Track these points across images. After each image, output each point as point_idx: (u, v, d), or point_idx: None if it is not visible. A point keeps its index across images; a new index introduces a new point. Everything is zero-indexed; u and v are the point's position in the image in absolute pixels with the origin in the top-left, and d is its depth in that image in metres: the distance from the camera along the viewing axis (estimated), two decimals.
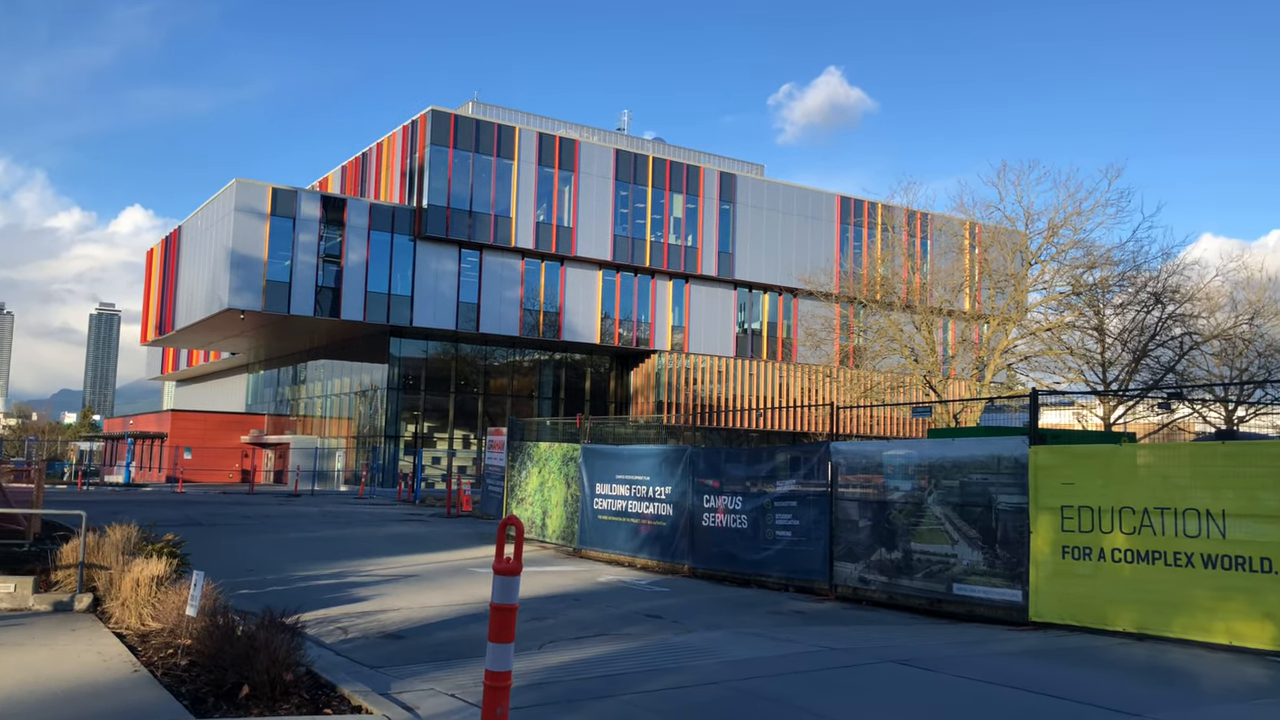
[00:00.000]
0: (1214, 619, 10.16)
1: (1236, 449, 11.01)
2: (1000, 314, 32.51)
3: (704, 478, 16.52)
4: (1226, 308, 33.01)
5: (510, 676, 5.85)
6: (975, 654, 9.95)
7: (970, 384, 34.25)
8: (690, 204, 49.98)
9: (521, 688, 7.42)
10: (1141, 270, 30.47)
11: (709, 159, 58.58)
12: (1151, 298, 29.82)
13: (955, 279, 36.94)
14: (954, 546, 12.52)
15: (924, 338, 33.82)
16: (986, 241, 33.98)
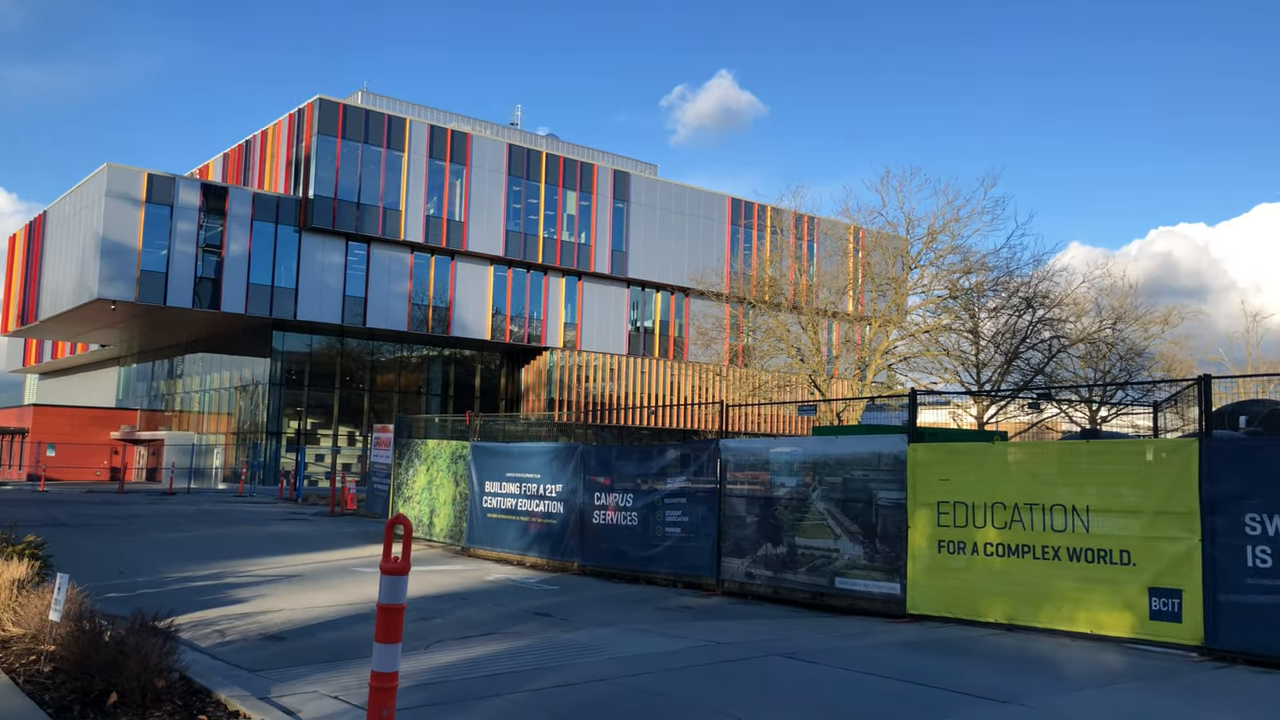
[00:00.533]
0: (1078, 609, 10.70)
1: (1099, 448, 11.64)
2: (882, 316, 33.52)
3: (595, 475, 16.55)
4: (1092, 313, 34.78)
5: (397, 677, 5.77)
6: (857, 646, 10.26)
7: (853, 383, 35.20)
8: (584, 201, 49.98)
9: (408, 688, 7.32)
10: (1014, 276, 31.86)
11: (603, 157, 58.70)
12: (1023, 302, 31.19)
13: (840, 281, 37.92)
14: (837, 541, 12.86)
15: (810, 338, 34.61)
16: (870, 246, 35.00)
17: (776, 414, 51.05)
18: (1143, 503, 10.42)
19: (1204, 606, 9.78)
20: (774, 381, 36.09)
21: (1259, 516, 9.57)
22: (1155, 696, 8.21)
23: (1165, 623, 10.04)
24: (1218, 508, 9.84)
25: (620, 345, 52.27)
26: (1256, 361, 42.44)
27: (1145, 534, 10.32)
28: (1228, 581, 9.68)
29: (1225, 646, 9.62)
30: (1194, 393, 11.19)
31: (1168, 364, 36.97)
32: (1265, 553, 9.49)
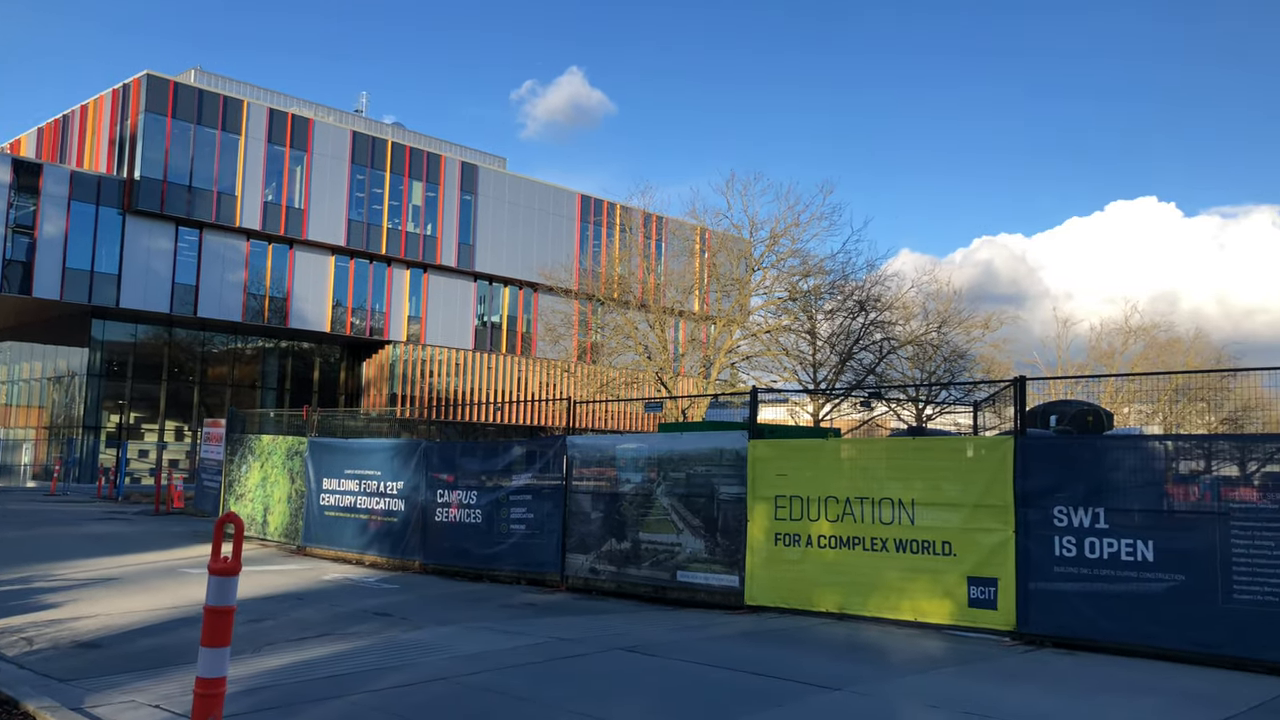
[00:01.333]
0: (903, 598, 11.26)
1: (924, 444, 12.30)
2: (726, 316, 34.33)
3: (438, 472, 16.29)
4: (919, 316, 36.58)
5: (224, 683, 5.54)
6: (696, 638, 10.48)
7: (698, 381, 35.90)
8: (430, 192, 49.04)
9: (237, 693, 7.03)
10: (849, 280, 33.23)
11: (451, 148, 57.77)
12: (857, 305, 32.57)
13: (687, 281, 38.59)
14: (679, 536, 13.10)
15: (657, 336, 35.10)
16: (715, 247, 35.78)
17: (624, 411, 51.52)
18: (963, 496, 11.05)
19: (1017, 594, 10.46)
20: (622, 378, 36.43)
21: (1066, 509, 10.30)
22: (972, 680, 8.72)
23: (982, 610, 10.69)
24: (1030, 501, 10.54)
25: (466, 340, 51.60)
26: (1066, 364, 45.67)
27: (965, 526, 10.95)
28: (1038, 570, 10.38)
29: (1035, 631, 10.32)
30: (1010, 393, 11.93)
31: (988, 366, 39.29)
32: (1071, 543, 10.23)
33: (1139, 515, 9.98)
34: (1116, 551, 9.96)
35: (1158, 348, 47.41)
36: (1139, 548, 9.85)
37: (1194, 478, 10.14)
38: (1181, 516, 9.83)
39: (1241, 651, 9.12)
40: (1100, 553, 10.05)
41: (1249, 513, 9.39)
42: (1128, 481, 10.20)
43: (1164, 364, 44.70)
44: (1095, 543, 10.09)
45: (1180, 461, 10.48)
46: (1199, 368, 42.25)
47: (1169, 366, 43.27)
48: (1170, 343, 48.54)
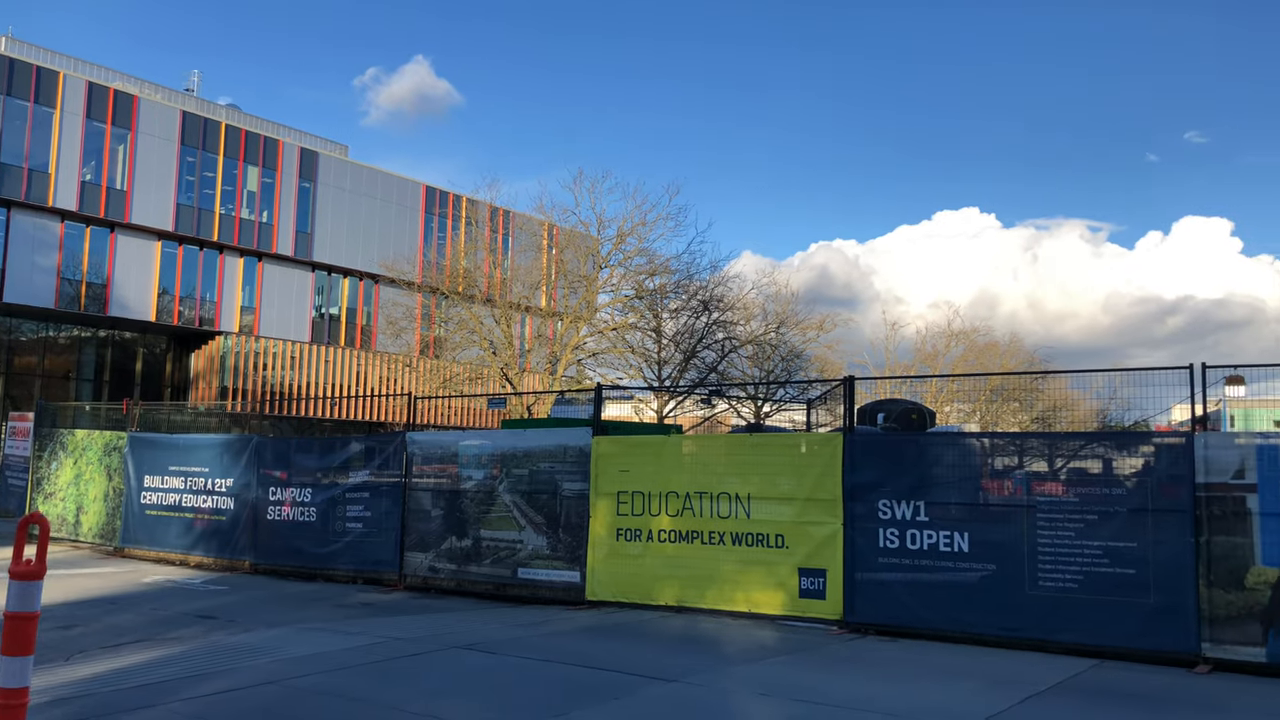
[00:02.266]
0: (738, 590, 11.58)
1: (761, 440, 12.67)
2: (573, 312, 34.41)
3: (271, 469, 15.69)
4: (759, 317, 37.68)
5: (27, 694, 5.18)
6: (535, 634, 10.48)
7: (544, 377, 35.86)
8: (267, 178, 47.08)
9: (42, 705, 6.59)
10: (694, 280, 33.90)
11: (290, 133, 55.57)
12: (701, 305, 33.27)
13: (534, 276, 38.48)
14: (521, 533, 13.06)
15: (503, 331, 34.85)
16: (563, 243, 35.79)
17: (467, 407, 50.85)
18: (796, 491, 11.46)
19: (844, 584, 10.92)
20: (466, 374, 35.99)
21: (890, 502, 10.83)
22: (801, 668, 9.06)
23: (812, 600, 11.11)
24: (857, 495, 11.03)
25: (303, 332, 49.79)
26: (894, 365, 47.90)
27: (798, 519, 11.36)
28: (864, 561, 10.88)
29: (860, 620, 10.80)
30: (841, 392, 12.44)
31: (822, 365, 40.76)
32: (894, 534, 10.76)
33: (956, 508, 10.60)
34: (935, 543, 10.54)
35: (977, 350, 50.35)
36: (956, 539, 10.45)
37: (1007, 473, 10.81)
38: (995, 509, 10.48)
39: (1044, 634, 9.81)
40: (921, 544, 10.61)
41: (1053, 505, 10.10)
42: (947, 476, 10.81)
43: (982, 366, 47.50)
44: (916, 534, 10.65)
45: (995, 457, 11.16)
46: (1014, 370, 45.11)
47: (987, 368, 45.99)
48: (988, 346, 51.64)
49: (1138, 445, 10.65)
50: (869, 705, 7.57)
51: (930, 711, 7.36)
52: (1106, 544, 9.71)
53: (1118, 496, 9.87)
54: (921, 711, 7.38)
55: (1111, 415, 23.11)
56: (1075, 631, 9.69)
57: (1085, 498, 9.99)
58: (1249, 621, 9.00)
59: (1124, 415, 17.83)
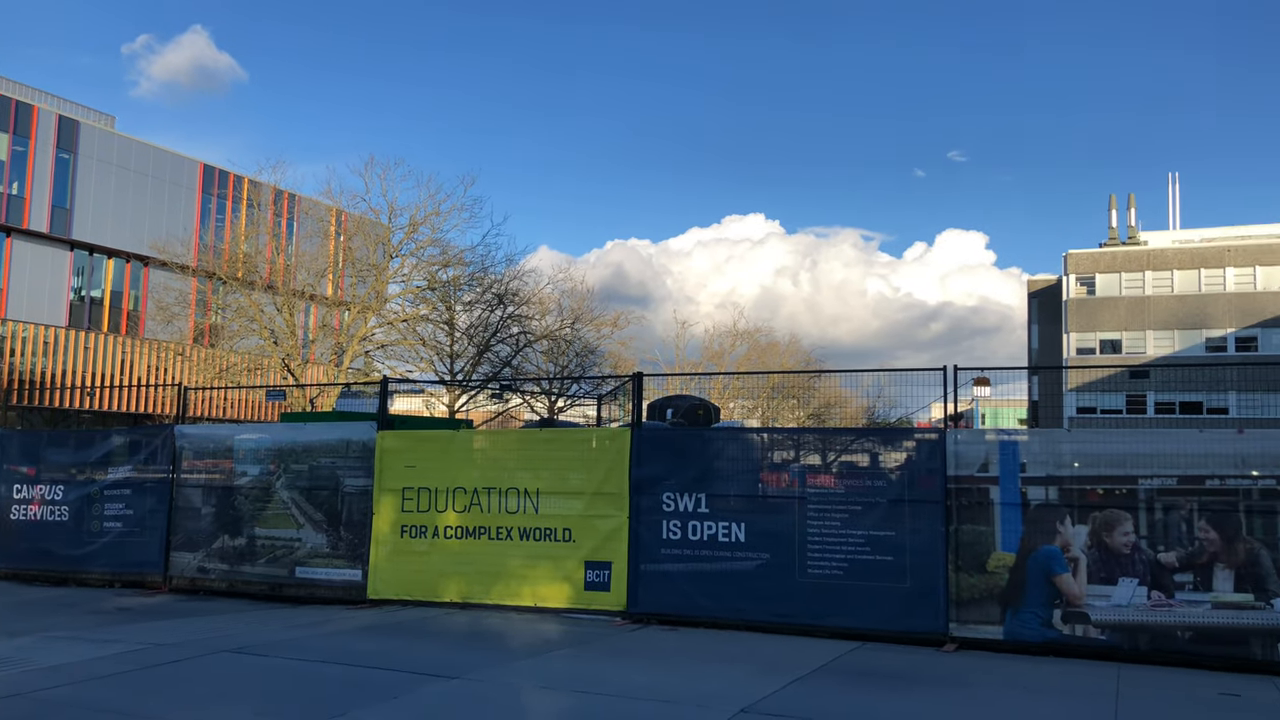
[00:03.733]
0: (524, 585, 11.61)
1: (553, 435, 12.74)
2: (361, 302, 33.32)
3: (17, 464, 14.37)
4: (555, 312, 37.79)
5: None
6: (311, 635, 10.11)
7: (329, 369, 34.56)
8: (19, 146, 42.87)
9: None
10: (489, 273, 33.58)
11: (47, 99, 50.83)
12: (495, 298, 33.01)
13: (320, 264, 36.94)
14: (300, 531, 12.57)
15: (285, 320, 33.29)
16: (352, 230, 34.59)
17: (245, 399, 48.23)
18: (585, 485, 11.61)
19: (628, 576, 11.17)
20: (244, 364, 34.11)
21: (674, 495, 11.16)
22: (585, 660, 9.20)
23: (597, 592, 11.29)
24: (643, 488, 11.29)
25: (59, 316, 45.67)
26: (683, 362, 49.30)
27: (585, 513, 11.51)
28: (647, 553, 11.16)
29: (643, 610, 11.07)
30: (631, 387, 12.68)
31: (615, 361, 41.42)
32: (677, 527, 11.10)
33: (736, 500, 11.05)
34: (715, 533, 10.95)
35: (760, 350, 52.62)
36: (734, 529, 10.90)
37: (784, 466, 11.37)
38: (772, 501, 11.00)
39: (812, 620, 10.40)
40: (701, 535, 11.00)
41: (822, 496, 10.71)
42: (729, 470, 11.26)
43: (764, 364, 49.68)
44: (698, 526, 11.03)
45: (773, 451, 11.72)
46: (792, 369, 47.39)
47: (768, 367, 48.15)
48: (770, 346, 54.09)
49: (900, 440, 11.48)
50: (647, 693, 7.79)
51: (704, 697, 7.65)
52: (869, 533, 10.39)
53: (879, 488, 10.59)
54: (695, 697, 7.65)
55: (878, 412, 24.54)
56: (840, 616, 10.32)
57: (851, 489, 10.65)
58: (990, 603, 9.87)
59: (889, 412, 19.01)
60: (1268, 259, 58.17)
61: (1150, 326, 59.73)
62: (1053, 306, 65.71)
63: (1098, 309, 61.15)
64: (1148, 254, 61.18)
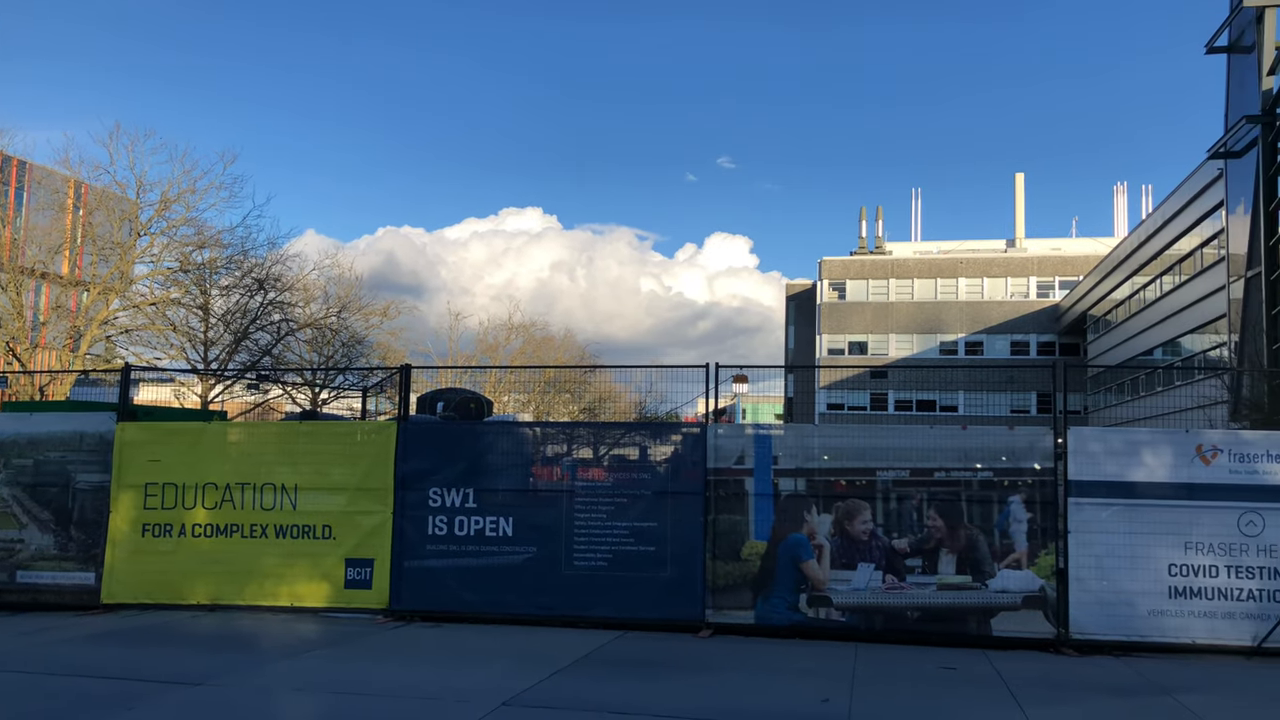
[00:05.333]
0: (280, 584, 11.11)
1: (314, 428, 12.26)
2: (103, 283, 30.65)
3: None
4: (320, 299, 36.25)
5: None
6: (36, 644, 9.26)
7: (63, 354, 31.60)
8: None
9: None
10: (249, 256, 31.72)
11: None
12: (256, 283, 31.25)
13: (54, 239, 33.64)
14: (23, 531, 11.47)
15: (11, 300, 30.10)
16: (93, 204, 31.75)
17: None
18: (348, 480, 11.24)
19: (391, 573, 10.92)
20: None
21: (441, 490, 11.02)
22: (343, 660, 8.91)
23: (358, 590, 10.97)
24: (409, 483, 11.08)
25: None
26: (456, 355, 48.60)
27: (347, 509, 11.15)
28: (412, 549, 10.96)
29: (406, 607, 10.86)
30: (399, 379, 12.40)
31: (384, 353, 40.23)
32: (443, 522, 10.96)
33: (505, 494, 11.05)
34: (482, 528, 10.91)
35: (535, 343, 52.68)
36: (501, 524, 10.90)
37: (556, 459, 11.47)
38: (541, 495, 11.07)
39: (577, 611, 10.56)
40: (468, 530, 10.92)
41: (589, 489, 10.91)
42: (499, 464, 11.24)
43: (539, 359, 49.82)
44: (465, 521, 10.94)
45: (545, 445, 11.80)
46: (567, 363, 47.83)
47: (543, 362, 48.32)
48: (545, 340, 54.27)
49: (667, 434, 11.88)
50: (406, 691, 7.66)
51: (464, 692, 7.61)
52: (633, 524, 10.68)
53: (644, 481, 10.90)
54: (456, 693, 7.61)
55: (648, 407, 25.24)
56: (604, 606, 10.54)
57: (619, 482, 10.91)
58: (743, 589, 10.39)
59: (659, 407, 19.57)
60: (994, 271, 64.30)
61: (893, 330, 64.63)
62: (808, 309, 69.81)
63: (848, 313, 65.49)
64: (892, 263, 66.14)
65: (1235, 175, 37.72)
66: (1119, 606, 9.74)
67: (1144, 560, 9.78)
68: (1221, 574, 9.69)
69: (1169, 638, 9.63)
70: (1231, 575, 9.68)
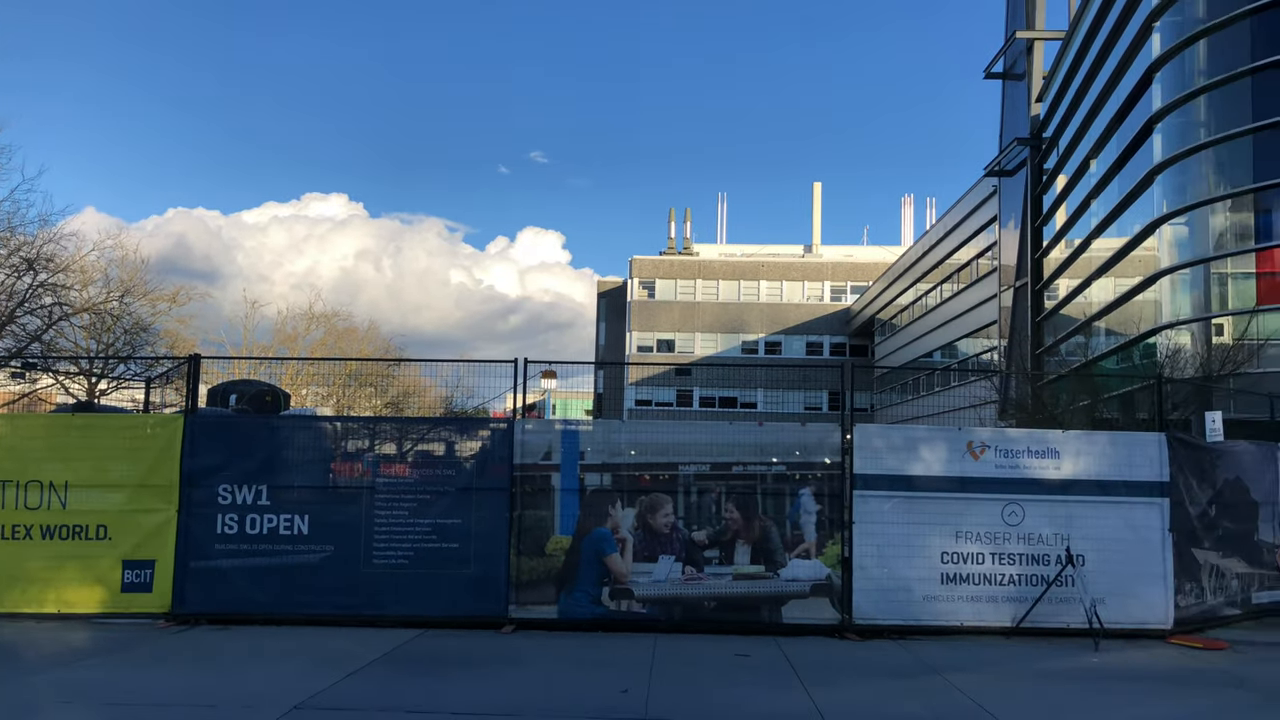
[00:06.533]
0: (48, 589, 10.29)
1: (90, 421, 11.39)
2: None
3: None
4: (100, 282, 33.66)
5: None
6: None
7: None
8: None
9: None
10: (16, 234, 29.06)
11: None
12: (24, 263, 28.69)
13: None
14: None
15: None
16: None
17: None
18: (128, 477, 10.54)
19: (175, 574, 10.32)
20: None
21: (232, 487, 10.50)
22: (117, 668, 8.34)
23: (137, 594, 10.31)
24: (197, 480, 10.49)
25: None
26: (252, 345, 46.28)
27: (127, 508, 10.46)
28: (198, 549, 10.39)
29: (191, 610, 10.29)
30: (188, 370, 11.71)
31: (173, 341, 37.83)
32: (233, 520, 10.45)
33: (302, 491, 10.64)
34: (276, 526, 10.48)
35: (337, 335, 50.81)
36: (297, 522, 10.50)
37: (358, 455, 11.13)
38: (341, 491, 10.74)
39: (377, 610, 10.32)
40: (261, 528, 10.46)
41: (391, 486, 10.67)
42: (296, 459, 10.80)
43: (341, 350, 48.10)
44: (257, 519, 10.47)
45: (347, 441, 11.43)
46: (371, 356, 46.48)
47: (346, 353, 46.71)
48: (348, 331, 52.42)
49: (474, 430, 11.74)
50: (188, 699, 7.27)
51: (252, 697, 7.30)
52: (437, 521, 10.53)
53: (449, 477, 10.77)
54: (243, 698, 7.29)
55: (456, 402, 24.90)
56: (405, 605, 10.34)
57: (423, 478, 10.73)
58: (547, 584, 10.45)
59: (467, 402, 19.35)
60: (792, 275, 67.23)
61: (699, 329, 66.48)
62: (619, 306, 70.79)
63: (657, 311, 66.84)
64: (699, 264, 67.99)
65: (1008, 192, 41.07)
66: (897, 593, 10.43)
67: (920, 549, 10.51)
68: (987, 560, 10.55)
69: (941, 621, 10.40)
70: (995, 562, 10.55)
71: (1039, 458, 10.76)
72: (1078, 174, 34.63)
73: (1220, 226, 26.49)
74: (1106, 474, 10.78)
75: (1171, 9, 27.89)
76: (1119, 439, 11.14)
